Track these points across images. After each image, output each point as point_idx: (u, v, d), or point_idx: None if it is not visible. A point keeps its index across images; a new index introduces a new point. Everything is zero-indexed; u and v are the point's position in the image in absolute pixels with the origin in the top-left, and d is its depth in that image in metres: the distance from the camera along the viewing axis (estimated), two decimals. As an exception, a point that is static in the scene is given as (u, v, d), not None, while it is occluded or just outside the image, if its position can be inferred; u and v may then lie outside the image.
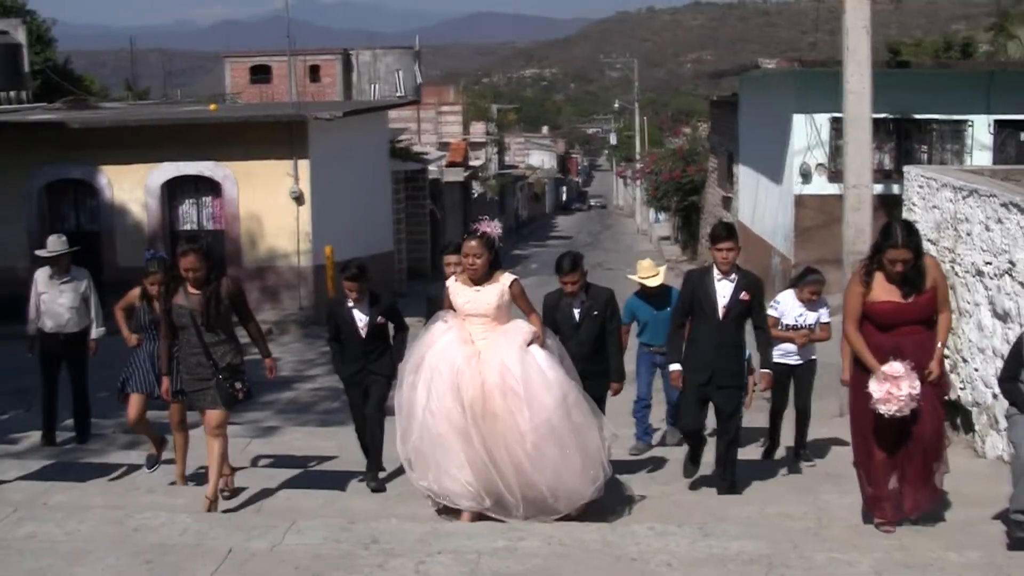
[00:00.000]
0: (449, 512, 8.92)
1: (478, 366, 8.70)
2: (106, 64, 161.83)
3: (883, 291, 8.15)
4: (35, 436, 13.58)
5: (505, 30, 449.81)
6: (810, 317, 11.44)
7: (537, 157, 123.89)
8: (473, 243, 8.84)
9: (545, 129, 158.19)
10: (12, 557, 7.62)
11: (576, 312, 10.40)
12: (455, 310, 9.05)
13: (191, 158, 26.95)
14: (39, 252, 13.14)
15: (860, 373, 8.29)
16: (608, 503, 9.41)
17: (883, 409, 7.91)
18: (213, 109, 32.87)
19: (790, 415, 11.77)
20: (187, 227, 27.55)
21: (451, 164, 54.83)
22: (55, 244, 12.86)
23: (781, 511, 9.46)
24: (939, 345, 8.23)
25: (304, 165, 26.76)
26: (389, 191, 35.17)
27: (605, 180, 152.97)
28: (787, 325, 11.44)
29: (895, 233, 8.02)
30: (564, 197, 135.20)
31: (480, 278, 8.91)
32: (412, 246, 38.68)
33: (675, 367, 10.08)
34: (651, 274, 12.30)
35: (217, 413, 9.54)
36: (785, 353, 11.44)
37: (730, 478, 10.10)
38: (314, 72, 59.03)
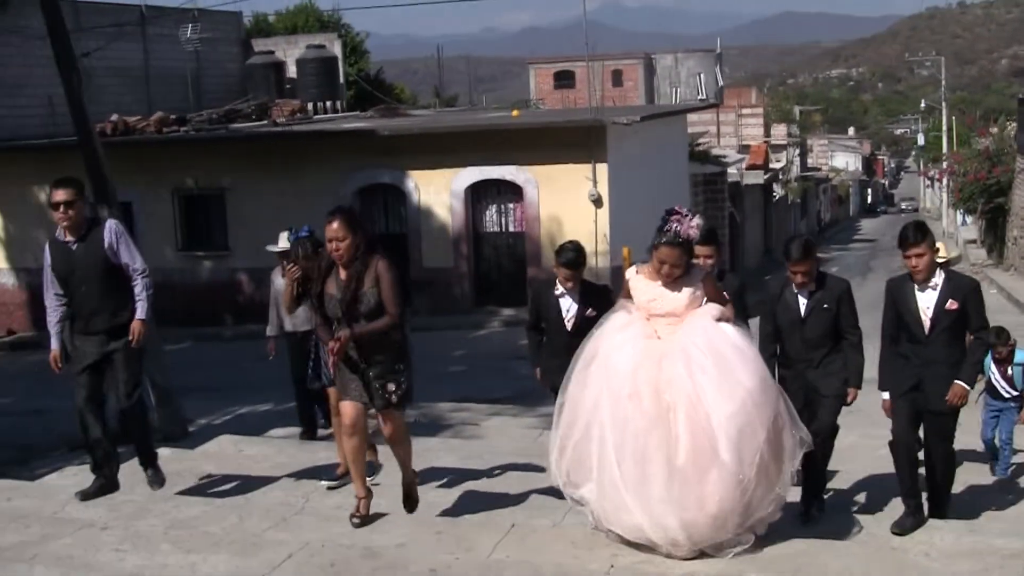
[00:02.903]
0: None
1: (660, 362, 7.27)
2: (416, 72, 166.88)
3: None
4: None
5: (810, 30, 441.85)
6: None
7: (841, 159, 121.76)
8: (674, 251, 7.33)
9: (851, 130, 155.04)
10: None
11: (802, 303, 8.66)
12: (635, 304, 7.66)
13: (494, 162, 27.79)
14: (270, 247, 12.26)
15: None
16: (875, 499, 9.37)
17: None
18: (515, 115, 33.75)
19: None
20: (490, 230, 28.55)
21: (751, 167, 54.72)
22: (286, 241, 11.67)
23: (1062, 512, 9.13)
24: None
25: (603, 168, 27.21)
26: (688, 193, 35.40)
27: (912, 182, 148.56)
28: None
29: None
30: (869, 200, 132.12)
31: None
32: (711, 248, 38.66)
33: (884, 396, 8.56)
34: None
35: (383, 418, 8.22)
36: None
37: (940, 509, 8.59)
38: (617, 77, 59.87)
